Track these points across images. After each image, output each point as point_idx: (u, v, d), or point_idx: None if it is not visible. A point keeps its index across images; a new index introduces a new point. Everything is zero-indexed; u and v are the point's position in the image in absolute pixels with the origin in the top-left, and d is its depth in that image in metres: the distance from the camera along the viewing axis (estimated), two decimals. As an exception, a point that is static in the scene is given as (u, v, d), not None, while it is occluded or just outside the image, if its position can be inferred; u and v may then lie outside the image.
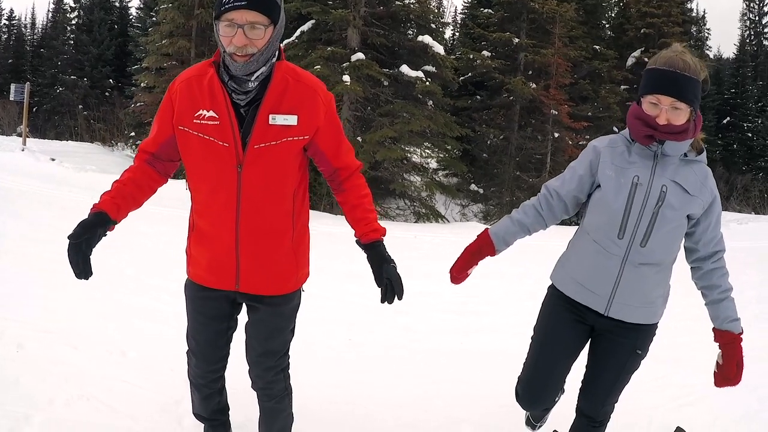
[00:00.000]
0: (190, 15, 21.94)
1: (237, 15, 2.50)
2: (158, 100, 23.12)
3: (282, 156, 2.74)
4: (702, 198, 2.91)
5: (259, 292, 2.94)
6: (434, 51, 18.58)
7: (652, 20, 27.17)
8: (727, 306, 3.01)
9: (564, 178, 3.16)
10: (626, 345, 3.10)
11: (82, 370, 4.38)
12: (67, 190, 13.27)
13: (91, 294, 5.94)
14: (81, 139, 32.04)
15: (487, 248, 3.20)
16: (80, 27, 39.67)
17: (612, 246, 2.95)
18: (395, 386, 4.78)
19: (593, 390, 3.25)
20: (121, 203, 2.78)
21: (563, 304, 3.18)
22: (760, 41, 46.58)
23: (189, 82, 2.74)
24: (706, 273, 3.02)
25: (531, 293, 5.88)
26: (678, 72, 2.74)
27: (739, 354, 3.04)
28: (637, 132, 2.87)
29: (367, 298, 7.20)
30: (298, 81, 2.75)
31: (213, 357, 3.17)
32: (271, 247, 2.88)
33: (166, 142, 2.83)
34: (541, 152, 23.49)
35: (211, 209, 2.82)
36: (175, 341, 4.97)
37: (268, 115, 2.67)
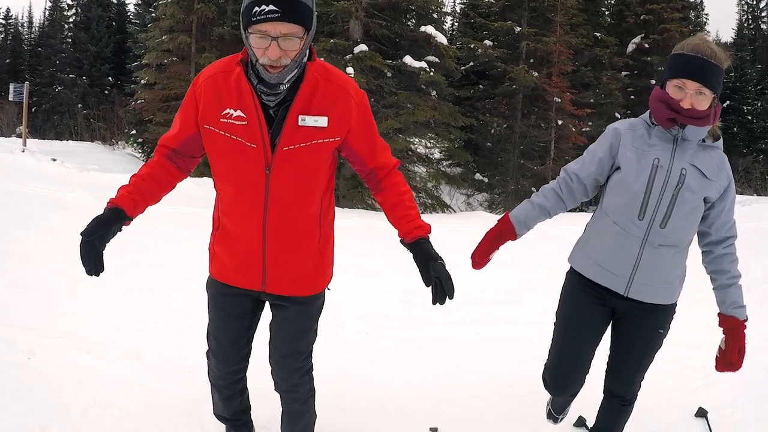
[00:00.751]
0: (190, 10, 21.81)
1: (270, 27, 2.39)
2: (159, 96, 23.21)
3: (311, 158, 2.67)
4: (719, 182, 2.96)
5: (286, 293, 2.89)
6: (437, 41, 18.52)
7: (652, 6, 27.10)
8: (734, 292, 3.06)
9: (584, 161, 3.20)
10: (648, 325, 3.16)
11: (96, 375, 4.26)
12: (70, 191, 13.15)
13: (99, 295, 5.90)
14: (81, 138, 31.97)
15: (508, 233, 3.23)
16: (78, 25, 39.58)
17: (632, 227, 2.99)
18: (416, 378, 4.76)
19: (621, 371, 3.30)
20: (138, 199, 2.73)
21: (584, 288, 3.22)
22: (758, 25, 46.66)
23: (215, 78, 2.65)
24: (717, 258, 3.07)
25: (544, 281, 5.89)
26: (705, 58, 2.80)
27: (742, 340, 3.07)
28: (660, 115, 2.91)
29: (380, 290, 7.20)
30: (329, 80, 2.65)
31: (234, 357, 3.11)
32: (298, 249, 2.82)
33: (189, 139, 2.76)
34: (544, 140, 23.46)
35: (237, 210, 2.76)
36: (190, 341, 4.91)
37: (298, 117, 2.59)
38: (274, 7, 2.35)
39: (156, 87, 23.84)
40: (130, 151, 29.89)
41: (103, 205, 2.69)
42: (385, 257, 8.41)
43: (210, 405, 3.46)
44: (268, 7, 2.35)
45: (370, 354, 5.17)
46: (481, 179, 23.98)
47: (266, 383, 3.22)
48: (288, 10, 2.38)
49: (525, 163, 23.45)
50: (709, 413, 4.13)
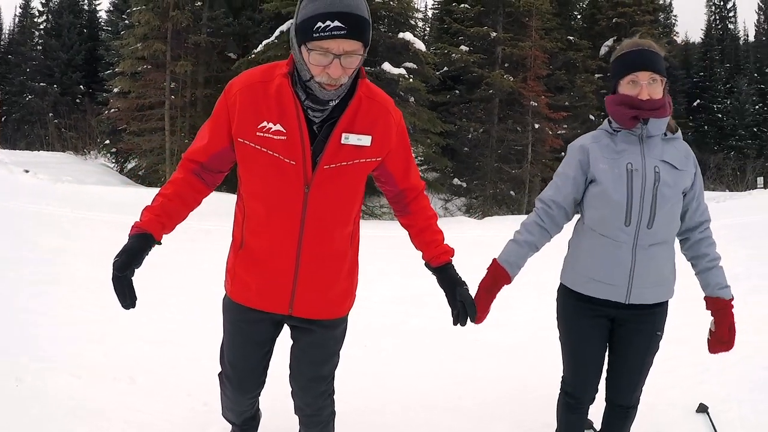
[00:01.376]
0: (165, 17, 21.62)
1: (334, 45, 2.25)
2: (134, 105, 22.99)
3: (352, 178, 2.55)
4: (688, 171, 3.03)
5: (313, 316, 2.75)
6: (415, 48, 18.62)
7: (623, 9, 27.48)
8: (717, 273, 3.09)
9: (557, 185, 3.19)
10: (647, 330, 3.16)
11: (91, 402, 3.98)
12: (45, 203, 12.84)
13: (85, 316, 5.70)
14: (53, 148, 31.61)
15: (502, 279, 3.20)
16: (49, 32, 39.11)
17: (620, 235, 3.00)
18: (420, 389, 4.69)
19: (623, 379, 3.29)
20: (166, 222, 2.59)
21: (579, 303, 3.20)
22: (725, 25, 47.45)
23: (253, 89, 2.47)
24: (695, 243, 3.13)
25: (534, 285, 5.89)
26: (646, 48, 2.93)
27: (730, 318, 3.09)
28: (622, 116, 2.97)
29: (373, 300, 7.15)
30: (371, 98, 2.53)
31: (251, 386, 2.98)
32: (331, 272, 2.70)
33: (219, 153, 2.59)
34: (521, 144, 23.62)
35: (269, 229, 2.59)
36: (184, 362, 4.82)
37: (342, 134, 2.46)
38: (340, 24, 2.22)
39: (130, 95, 23.64)
40: (103, 161, 29.59)
41: (80, 218, 2.54)
42: (377, 266, 8.37)
43: (214, 429, 3.38)
44: (333, 23, 2.22)
45: (371, 366, 5.05)
46: (459, 184, 24.07)
47: (279, 395, 3.14)
48: (353, 26, 2.25)
49: (502, 167, 23.55)
50: (709, 408, 4.17)
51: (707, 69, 44.09)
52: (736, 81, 42.46)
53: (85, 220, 11.09)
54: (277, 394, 3.31)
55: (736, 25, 48.19)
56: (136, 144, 23.55)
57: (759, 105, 42.41)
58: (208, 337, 4.36)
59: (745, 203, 17.68)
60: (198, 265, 8.21)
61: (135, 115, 23.53)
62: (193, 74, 23.15)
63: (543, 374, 4.39)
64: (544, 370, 4.38)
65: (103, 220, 11.24)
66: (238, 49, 23.63)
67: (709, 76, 43.51)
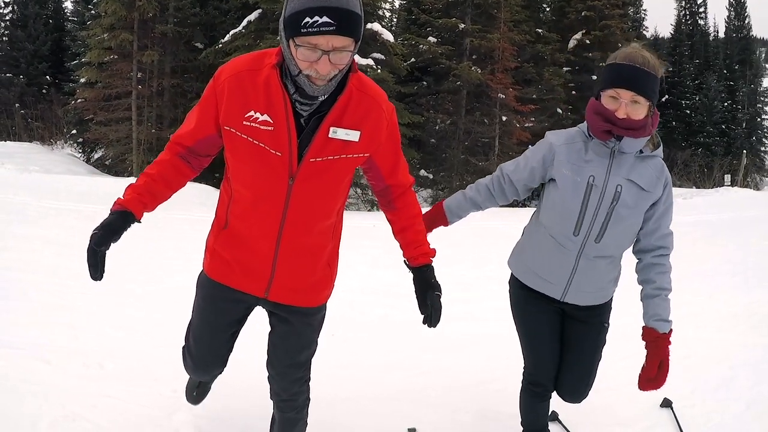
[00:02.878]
0: (131, 7, 21.38)
1: (323, 40, 2.19)
2: (101, 95, 22.80)
3: (337, 172, 2.53)
4: (656, 193, 2.97)
5: (288, 302, 2.78)
6: (383, 38, 18.61)
7: (593, 3, 27.51)
8: (658, 304, 3.02)
9: (518, 165, 3.23)
10: (594, 323, 3.22)
11: (60, 387, 4.04)
12: (13, 193, 12.76)
13: (54, 303, 5.76)
14: (19, 138, 31.14)
15: (441, 219, 3.34)
16: (14, 23, 38.44)
17: (567, 242, 3.02)
18: (388, 379, 4.74)
19: (575, 376, 3.30)
20: (148, 202, 2.61)
21: (529, 293, 3.26)
22: (695, 21, 47.66)
23: (240, 77, 2.43)
24: (646, 266, 3.07)
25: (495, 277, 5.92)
26: (638, 66, 2.78)
27: (663, 353, 3.05)
28: (596, 127, 2.90)
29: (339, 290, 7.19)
30: (363, 92, 2.49)
31: (213, 364, 3.03)
32: (310, 262, 2.73)
33: (205, 139, 2.59)
34: (489, 136, 23.66)
35: (252, 216, 2.60)
36: (152, 348, 4.87)
37: (329, 128, 2.42)
38: (329, 20, 2.16)
39: (97, 86, 23.39)
40: (69, 151, 29.32)
41: (48, 207, 2.54)
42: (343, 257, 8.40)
43: (181, 415, 3.39)
44: (322, 18, 2.15)
45: (338, 356, 5.07)
46: (425, 175, 24.08)
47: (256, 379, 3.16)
48: (343, 22, 2.18)
49: (469, 159, 23.59)
50: (673, 403, 4.21)
51: (676, 65, 44.22)
52: (705, 77, 42.69)
53: (53, 210, 10.97)
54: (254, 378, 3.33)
55: (706, 21, 48.47)
56: (102, 134, 23.31)
57: (728, 102, 42.75)
58: (177, 325, 4.36)
59: (711, 200, 17.87)
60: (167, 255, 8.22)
61: (102, 105, 23.27)
62: (160, 64, 22.95)
63: (506, 365, 4.44)
64: (507, 362, 4.43)
65: (70, 209, 11.16)
66: (205, 39, 23.44)
67: (678, 72, 43.66)
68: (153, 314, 5.82)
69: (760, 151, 42.51)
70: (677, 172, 32.66)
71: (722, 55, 46.48)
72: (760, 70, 47.51)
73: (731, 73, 44.37)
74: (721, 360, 4.94)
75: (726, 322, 5.67)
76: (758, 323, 5.75)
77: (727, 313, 6.02)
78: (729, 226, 12.34)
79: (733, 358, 4.95)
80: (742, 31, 47.78)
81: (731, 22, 48.45)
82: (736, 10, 48.23)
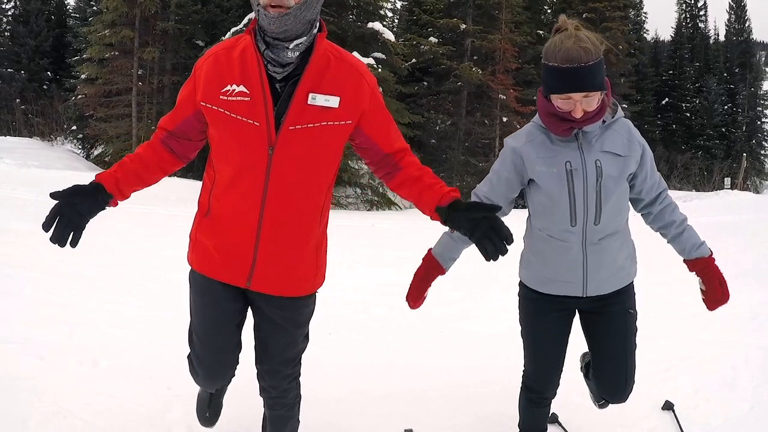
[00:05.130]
0: (133, 4, 21.46)
1: None
2: (101, 91, 22.89)
3: (319, 141, 2.46)
4: (633, 154, 2.89)
5: (273, 292, 2.65)
6: (384, 38, 18.64)
7: (594, 5, 27.58)
8: (689, 235, 3.05)
9: (491, 182, 3.08)
10: (618, 311, 3.10)
11: (53, 383, 3.96)
12: (11, 189, 12.75)
13: (49, 299, 5.71)
14: (19, 134, 31.15)
15: (435, 270, 3.15)
16: (17, 18, 38.49)
17: (568, 235, 2.93)
18: (385, 380, 4.66)
19: (608, 377, 3.21)
20: (120, 177, 2.54)
21: (538, 298, 3.16)
22: (695, 24, 47.67)
23: (216, 56, 2.48)
24: (658, 215, 3.05)
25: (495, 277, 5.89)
26: (582, 66, 2.65)
27: (717, 273, 3.04)
28: (555, 127, 2.81)
29: (337, 289, 7.16)
30: (341, 59, 2.48)
31: (226, 364, 2.88)
32: (295, 243, 2.60)
33: (186, 121, 2.57)
34: (489, 137, 23.72)
35: (232, 193, 2.53)
36: (147, 346, 4.82)
37: (308, 94, 2.39)
38: None
39: (98, 82, 23.49)
40: (69, 147, 29.34)
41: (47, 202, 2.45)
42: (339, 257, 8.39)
43: (175, 414, 3.35)
44: None
45: (335, 356, 5.02)
46: (426, 176, 24.02)
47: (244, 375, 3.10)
48: None
49: (469, 159, 23.62)
50: (675, 406, 4.19)
51: (677, 67, 44.33)
52: (705, 80, 42.73)
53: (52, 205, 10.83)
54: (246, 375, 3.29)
55: (706, 24, 48.46)
56: (103, 130, 23.40)
57: (728, 105, 42.80)
58: (172, 322, 4.38)
59: (711, 203, 17.76)
60: (160, 251, 8.19)
61: (102, 102, 23.36)
62: (160, 61, 23.07)
63: (507, 367, 4.38)
64: (507, 363, 4.36)
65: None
66: (206, 36, 23.54)
67: (679, 75, 43.76)
68: (150, 311, 5.78)
69: (760, 154, 42.50)
70: (677, 175, 32.69)
71: (722, 58, 46.46)
72: (761, 74, 47.45)
73: (731, 76, 44.38)
74: (724, 361, 4.87)
75: (728, 323, 5.62)
76: (761, 325, 5.73)
77: (730, 315, 5.90)
78: (729, 228, 12.28)
79: (736, 360, 4.89)
80: (742, 35, 47.76)
81: (731, 25, 48.44)
82: (736, 14, 48.23)
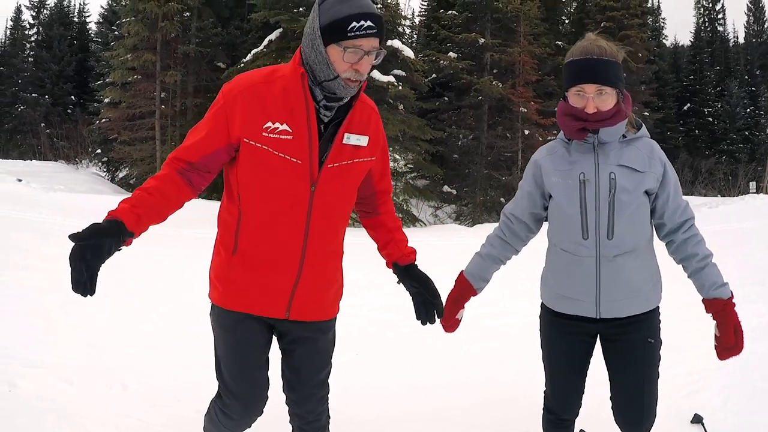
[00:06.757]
0: (154, 28, 21.73)
1: (366, 42, 2.41)
2: (125, 115, 23.08)
3: (351, 177, 2.65)
4: (653, 171, 2.85)
5: (309, 318, 2.74)
6: (404, 55, 18.67)
7: (612, 13, 27.54)
8: (710, 272, 2.91)
9: (516, 199, 3.14)
10: (635, 338, 3.00)
11: (81, 407, 4.02)
12: (38, 212, 12.91)
13: (77, 322, 5.80)
14: (45, 158, 31.62)
15: (468, 291, 3.18)
16: (40, 44, 39.13)
17: (581, 249, 2.89)
18: (411, 399, 4.70)
19: (624, 399, 3.08)
20: (142, 213, 2.42)
21: (558, 321, 3.12)
22: (714, 27, 47.44)
23: (256, 89, 2.50)
24: (680, 245, 2.94)
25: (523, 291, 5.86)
26: (595, 58, 2.74)
27: (733, 319, 2.95)
28: (569, 128, 2.83)
29: (365, 309, 7.18)
30: (362, 101, 2.63)
31: (261, 396, 2.86)
32: (330, 270, 2.77)
33: (212, 154, 2.54)
34: (511, 150, 23.65)
35: (272, 230, 2.58)
36: (176, 369, 4.88)
37: (344, 134, 2.56)
38: (372, 24, 2.40)
39: (121, 105, 23.75)
40: (94, 170, 29.61)
41: (72, 226, 2.40)
42: (365, 276, 8.42)
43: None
44: (367, 23, 2.39)
45: (362, 375, 5.07)
46: (449, 191, 24.03)
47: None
48: (379, 25, 2.44)
49: (492, 173, 23.53)
50: (704, 419, 4.15)
51: (697, 72, 44.11)
52: (726, 84, 42.47)
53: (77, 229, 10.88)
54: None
55: (725, 27, 48.32)
56: (127, 153, 23.63)
57: (750, 108, 42.46)
58: (199, 344, 4.39)
59: (737, 208, 17.63)
60: (188, 273, 8.25)
61: (126, 125, 23.62)
62: (182, 84, 23.27)
63: (530, 383, 4.36)
64: (531, 379, 4.33)
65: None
66: (227, 59, 23.74)
67: (699, 80, 43.52)
68: (177, 333, 5.85)
69: (785, 156, 42.15)
70: (701, 181, 32.45)
71: (743, 60, 46.15)
72: (782, 75, 47.09)
73: (752, 78, 44.05)
74: (753, 371, 4.82)
75: (756, 331, 5.50)
76: (790, 333, 5.68)
77: (758, 323, 5.91)
78: (756, 233, 12.16)
79: (765, 369, 4.86)
80: (761, 36, 47.39)
81: (750, 27, 48.13)
82: (754, 15, 47.92)
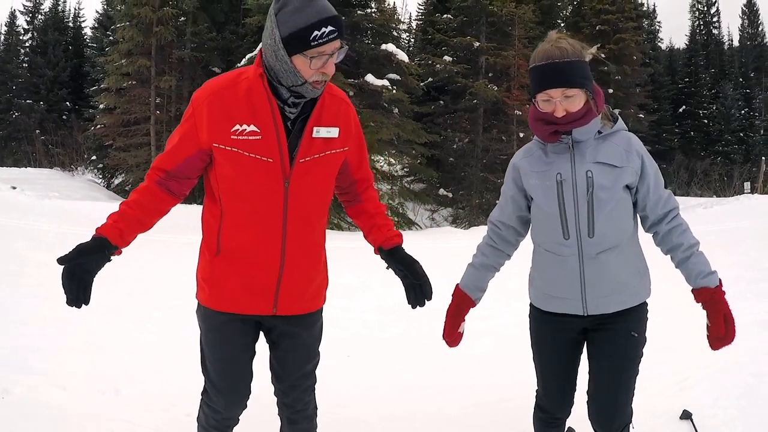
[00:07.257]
0: (149, 33, 21.73)
1: (329, 47, 2.47)
2: (120, 121, 23.03)
3: (325, 169, 2.70)
4: (631, 165, 2.83)
5: (295, 312, 2.80)
6: (398, 59, 18.73)
7: (607, 17, 27.60)
8: (696, 261, 2.89)
9: (500, 205, 3.15)
10: (619, 330, 2.98)
11: (76, 413, 4.03)
12: (33, 220, 12.86)
13: (70, 328, 5.78)
14: (40, 164, 31.57)
15: (465, 303, 3.18)
16: (34, 49, 39.02)
17: (563, 249, 2.90)
18: (405, 399, 4.69)
19: (600, 390, 3.05)
20: (124, 228, 2.59)
21: (544, 318, 3.13)
22: (709, 30, 47.66)
23: (220, 94, 2.56)
24: (665, 236, 2.94)
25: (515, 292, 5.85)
26: (557, 61, 2.69)
27: (723, 308, 2.91)
28: (542, 132, 2.83)
29: (357, 311, 7.18)
30: (331, 93, 2.71)
31: (244, 393, 2.96)
32: (312, 264, 2.81)
33: (187, 160, 2.63)
34: (507, 153, 23.61)
35: (250, 228, 2.65)
36: (169, 373, 4.88)
37: (313, 128, 2.61)
38: (333, 28, 2.45)
39: (116, 111, 23.70)
40: (90, 177, 29.57)
41: (67, 233, 2.51)
42: (357, 278, 8.41)
43: None
44: (328, 28, 2.44)
45: (355, 377, 5.09)
46: (445, 194, 24.09)
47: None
48: (340, 27, 2.49)
49: (488, 176, 23.56)
50: (693, 415, 4.15)
51: (692, 75, 44.29)
52: (721, 86, 42.68)
53: (72, 236, 10.86)
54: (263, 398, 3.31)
55: (720, 30, 48.56)
56: (122, 159, 23.61)
57: (745, 110, 42.75)
58: (192, 348, 4.34)
59: (732, 208, 17.69)
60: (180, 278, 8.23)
61: (121, 131, 23.60)
62: (177, 89, 23.31)
63: (522, 382, 4.31)
64: (523, 379, 4.29)
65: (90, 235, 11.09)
66: (222, 64, 23.77)
67: (695, 82, 43.70)
68: (171, 338, 5.85)
69: (779, 157, 42.35)
70: (697, 182, 32.55)
71: (737, 63, 46.44)
72: (776, 76, 47.32)
73: (747, 80, 44.37)
74: (743, 368, 4.81)
75: (749, 328, 5.51)
76: (782, 330, 5.69)
77: (750, 320, 5.91)
78: (750, 233, 12.24)
79: (757, 366, 4.84)
80: (756, 39, 47.71)
81: (745, 30, 48.39)
82: (749, 18, 48.19)
